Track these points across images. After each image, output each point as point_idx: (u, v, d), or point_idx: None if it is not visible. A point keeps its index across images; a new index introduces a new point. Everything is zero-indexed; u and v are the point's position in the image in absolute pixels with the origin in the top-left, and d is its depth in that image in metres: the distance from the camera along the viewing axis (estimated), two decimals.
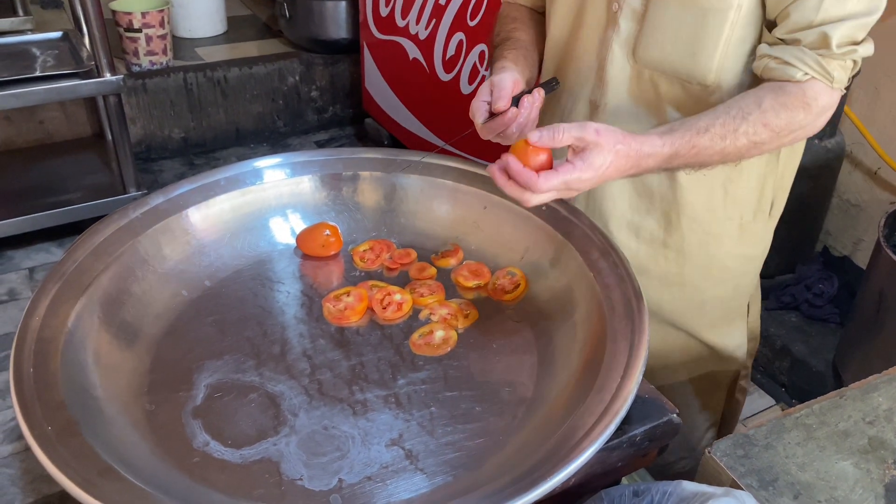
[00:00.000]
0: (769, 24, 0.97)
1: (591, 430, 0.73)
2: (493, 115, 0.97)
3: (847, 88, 0.97)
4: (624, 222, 1.16)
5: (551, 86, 1.03)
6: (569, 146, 0.87)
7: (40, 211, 2.51)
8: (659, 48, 1.01)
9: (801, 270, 2.25)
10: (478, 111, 0.98)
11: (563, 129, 0.85)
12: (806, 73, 0.92)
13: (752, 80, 1.00)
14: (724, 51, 0.97)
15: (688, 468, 1.45)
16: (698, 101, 1.02)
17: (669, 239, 1.15)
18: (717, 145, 0.92)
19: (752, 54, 0.99)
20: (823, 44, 0.91)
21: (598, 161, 0.85)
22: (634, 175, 0.92)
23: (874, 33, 0.96)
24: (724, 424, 1.46)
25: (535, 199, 0.86)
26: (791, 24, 0.92)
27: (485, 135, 0.99)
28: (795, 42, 0.93)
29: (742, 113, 0.92)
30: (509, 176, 0.86)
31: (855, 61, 0.94)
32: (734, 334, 1.29)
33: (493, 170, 0.88)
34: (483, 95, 0.98)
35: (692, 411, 1.37)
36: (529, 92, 0.97)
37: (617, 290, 0.90)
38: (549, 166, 0.86)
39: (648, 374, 0.83)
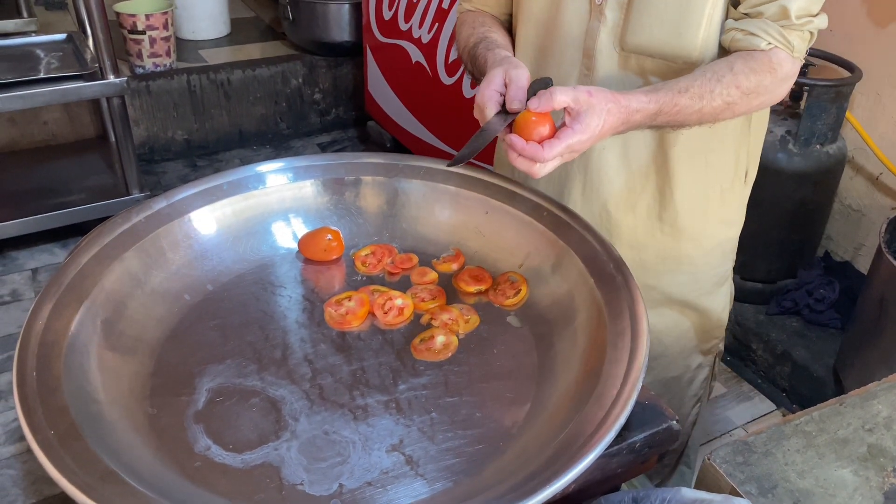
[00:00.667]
0: (734, 2, 1.05)
1: (592, 437, 0.73)
2: (503, 111, 0.96)
3: (806, 65, 1.04)
4: (621, 201, 1.20)
5: (548, 85, 1.02)
6: (564, 110, 0.92)
7: (44, 212, 2.52)
8: (646, 33, 1.06)
9: (802, 275, 2.25)
10: (489, 101, 0.96)
11: (558, 92, 0.90)
12: (769, 43, 1.01)
13: (725, 53, 1.07)
14: (706, 28, 1.04)
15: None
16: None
17: (664, 213, 1.20)
18: (696, 105, 0.99)
19: None
20: (783, 15, 1.00)
21: (594, 122, 0.91)
22: (624, 131, 0.98)
23: (875, 40, 1.00)
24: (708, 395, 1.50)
25: (544, 169, 0.92)
26: (754, 0, 1.01)
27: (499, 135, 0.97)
28: (758, 15, 1.02)
29: (716, 76, 1.00)
30: (518, 153, 0.91)
31: (812, 32, 1.04)
32: (721, 297, 1.35)
33: (505, 147, 0.93)
34: (495, 84, 0.97)
35: (681, 385, 1.39)
36: (534, 94, 0.97)
37: (617, 296, 0.90)
38: (552, 133, 0.91)
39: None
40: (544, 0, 1.13)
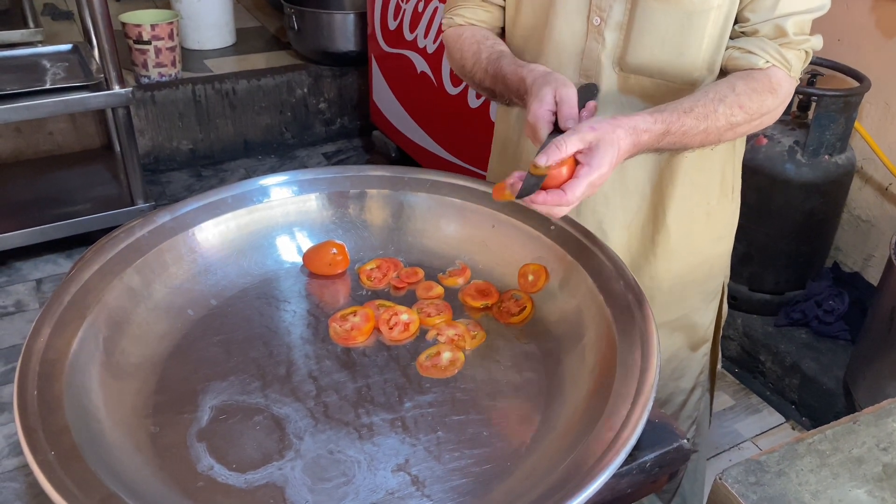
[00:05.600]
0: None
1: (602, 459, 0.71)
2: (556, 129, 0.92)
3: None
4: (616, 220, 1.19)
5: (594, 93, 0.99)
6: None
7: (49, 223, 2.52)
8: (647, 53, 1.05)
9: (811, 287, 2.23)
10: (542, 121, 0.92)
11: (565, 142, 0.87)
12: (767, 61, 1.01)
13: (725, 74, 1.06)
14: (707, 48, 1.04)
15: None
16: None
17: (657, 236, 1.20)
18: (701, 125, 0.97)
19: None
20: (780, 33, 1.01)
21: (609, 154, 0.88)
22: (635, 153, 0.95)
23: (883, 50, 0.99)
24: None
25: (567, 210, 0.89)
26: (752, 20, 1.02)
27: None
28: (755, 33, 1.03)
29: (719, 96, 0.98)
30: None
31: (807, 52, 1.04)
32: (709, 314, 1.33)
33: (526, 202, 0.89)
34: (547, 103, 0.93)
35: (673, 408, 1.37)
36: (583, 106, 0.94)
37: (626, 314, 0.88)
38: (571, 172, 0.88)
39: None
40: (537, 19, 1.12)
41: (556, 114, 0.92)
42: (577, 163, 0.88)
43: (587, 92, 0.97)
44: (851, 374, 1.98)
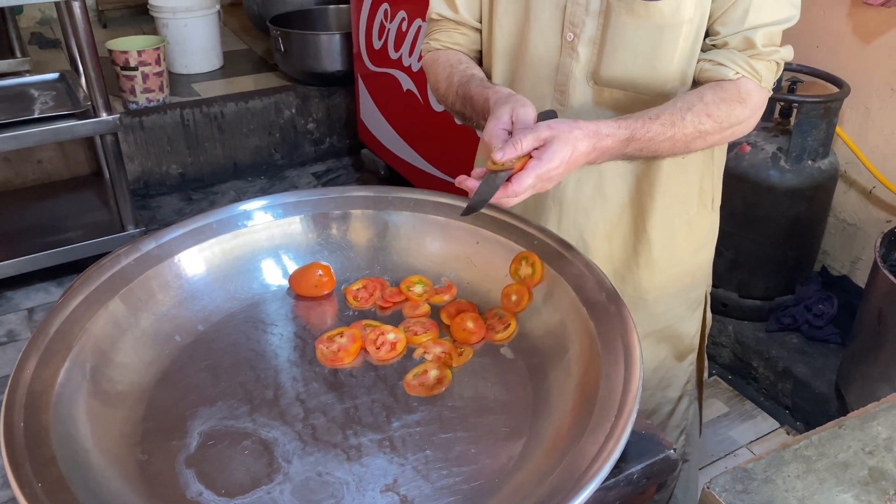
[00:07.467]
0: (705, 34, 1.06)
1: (587, 472, 0.72)
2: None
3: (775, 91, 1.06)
4: (598, 231, 1.21)
5: (552, 118, 1.01)
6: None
7: (39, 251, 2.52)
8: (620, 67, 1.07)
9: (800, 291, 2.24)
10: (497, 140, 0.94)
11: (521, 139, 0.90)
12: (737, 72, 1.03)
13: (699, 86, 1.08)
14: (679, 61, 1.06)
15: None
16: None
17: (639, 246, 1.21)
18: (668, 132, 0.99)
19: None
20: (749, 45, 1.03)
21: (562, 150, 0.91)
22: (596, 159, 0.97)
23: (861, 54, 1.00)
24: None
25: (514, 200, 0.92)
26: (722, 33, 1.04)
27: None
28: (724, 45, 1.05)
29: (686, 105, 1.00)
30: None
31: (778, 63, 1.06)
32: (694, 323, 1.34)
33: (469, 186, 0.93)
34: (502, 122, 0.95)
35: (661, 417, 1.38)
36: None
37: (609, 326, 0.89)
38: (523, 168, 0.91)
39: None
40: (513, 37, 1.14)
41: (511, 133, 0.95)
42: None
43: (545, 118, 0.98)
44: (843, 377, 1.99)
